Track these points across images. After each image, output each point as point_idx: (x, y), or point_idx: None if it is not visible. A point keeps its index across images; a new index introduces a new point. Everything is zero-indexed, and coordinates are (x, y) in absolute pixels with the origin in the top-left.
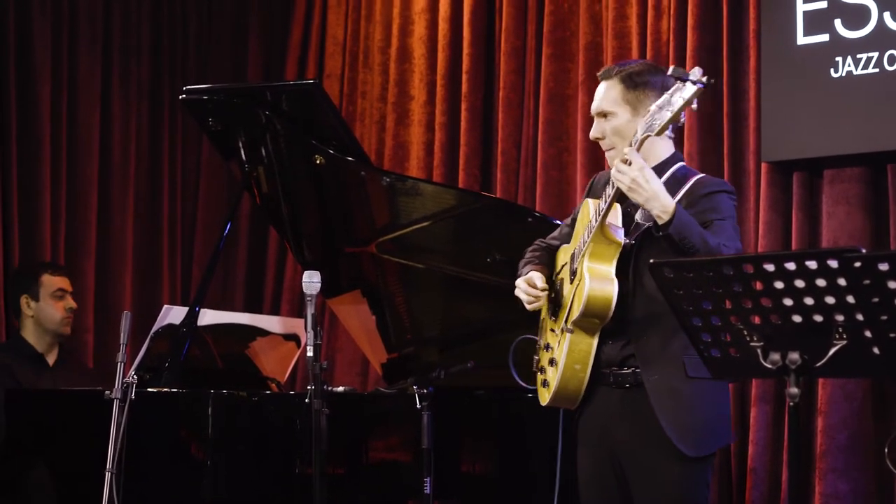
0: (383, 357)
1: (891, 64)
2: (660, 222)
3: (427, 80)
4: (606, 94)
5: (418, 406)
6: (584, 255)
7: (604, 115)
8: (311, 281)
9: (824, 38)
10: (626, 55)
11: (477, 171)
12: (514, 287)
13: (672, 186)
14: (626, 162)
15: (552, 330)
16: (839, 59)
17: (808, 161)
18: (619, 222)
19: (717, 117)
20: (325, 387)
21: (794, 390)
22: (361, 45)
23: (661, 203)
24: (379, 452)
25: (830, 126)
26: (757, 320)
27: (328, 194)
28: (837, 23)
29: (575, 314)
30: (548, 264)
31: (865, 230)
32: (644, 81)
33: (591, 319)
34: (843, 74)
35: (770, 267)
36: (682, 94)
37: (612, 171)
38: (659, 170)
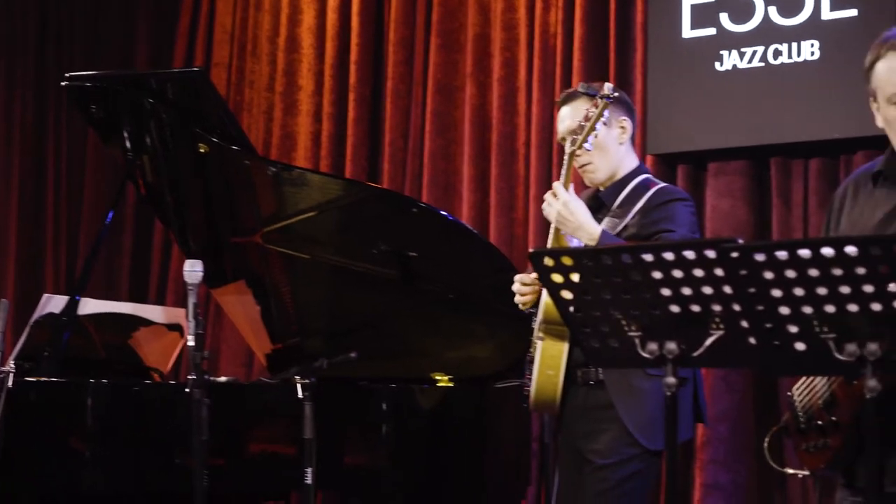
0: (267, 347)
1: (775, 58)
2: None
3: (315, 70)
4: (571, 112)
5: (300, 396)
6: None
7: (571, 131)
8: (193, 270)
9: (710, 31)
10: (514, 47)
11: (364, 161)
12: (399, 277)
13: (633, 198)
14: (555, 195)
15: (531, 338)
16: (724, 52)
17: (693, 154)
18: None
19: None
20: (206, 377)
21: (670, 380)
22: (250, 34)
23: (587, 232)
24: (261, 443)
25: (715, 119)
26: (635, 311)
27: (213, 184)
28: (723, 17)
29: (539, 321)
30: None
31: (748, 223)
32: (576, 97)
33: (554, 326)
34: (729, 68)
35: (648, 257)
36: (594, 109)
37: (544, 203)
38: (623, 182)
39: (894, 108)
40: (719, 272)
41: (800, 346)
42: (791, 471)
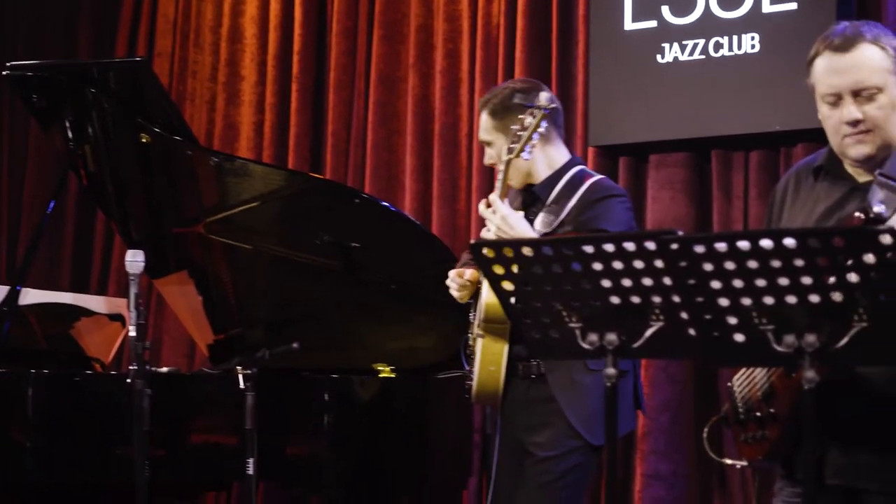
0: (209, 338)
1: (716, 51)
2: None
3: (258, 61)
4: (482, 125)
5: (242, 387)
6: None
7: (487, 143)
8: (135, 260)
9: (652, 24)
10: (457, 38)
11: (307, 152)
12: (341, 268)
13: (568, 191)
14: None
15: (472, 333)
16: (666, 45)
17: (634, 146)
18: None
19: None
20: (148, 367)
21: (610, 371)
22: (193, 24)
23: None
24: (202, 433)
25: (656, 111)
26: (576, 302)
27: (155, 174)
28: (665, 9)
29: (479, 320)
30: None
31: (689, 215)
32: (507, 107)
33: (494, 325)
34: (670, 60)
35: (589, 249)
36: (532, 118)
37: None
38: (557, 175)
39: (827, 106)
40: (659, 264)
41: (739, 337)
42: (730, 462)
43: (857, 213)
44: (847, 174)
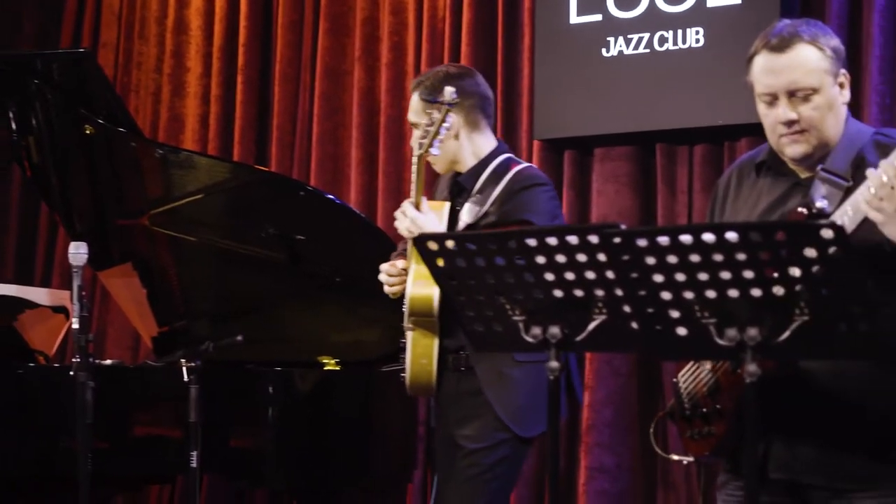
0: (154, 330)
1: (661, 45)
2: None
3: (203, 52)
4: (412, 106)
5: (186, 380)
6: (411, 258)
7: (415, 125)
8: (78, 252)
9: (597, 17)
10: (402, 31)
11: (252, 144)
12: (286, 260)
13: (494, 180)
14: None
15: (404, 325)
16: (611, 39)
17: (579, 139)
18: (444, 222)
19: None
20: (91, 360)
21: (553, 364)
22: (138, 16)
23: None
24: (146, 426)
25: (601, 105)
26: (519, 295)
27: (99, 166)
28: (610, 3)
29: (406, 314)
30: None
31: (634, 208)
32: (440, 91)
33: (422, 318)
34: (615, 54)
35: (532, 242)
36: (437, 114)
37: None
38: (482, 164)
39: (764, 105)
40: (602, 257)
41: (681, 330)
42: (676, 457)
43: (799, 208)
44: (789, 170)
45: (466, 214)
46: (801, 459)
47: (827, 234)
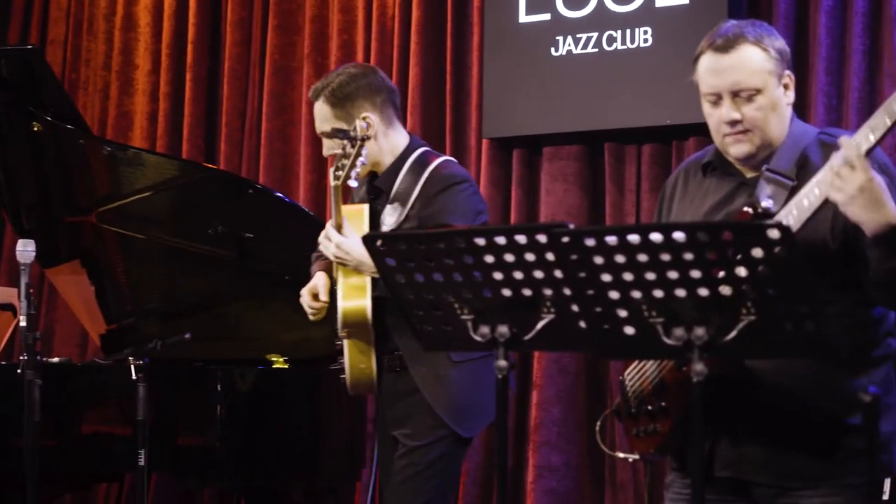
0: (102, 328)
1: (609, 44)
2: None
3: (152, 50)
4: (319, 114)
5: (134, 377)
6: (337, 272)
7: (326, 134)
8: (25, 250)
9: (546, 16)
10: (351, 29)
11: (201, 141)
12: (235, 258)
13: (410, 183)
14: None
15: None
16: (560, 38)
17: (528, 138)
18: (365, 227)
19: (439, 93)
20: (39, 357)
21: (501, 363)
22: (86, 12)
23: (368, 266)
24: (94, 424)
25: (550, 104)
26: (468, 294)
27: (47, 163)
28: (559, 2)
29: (339, 326)
30: None
31: (582, 207)
32: (347, 94)
33: (355, 329)
34: (564, 53)
35: (481, 241)
36: (352, 149)
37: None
38: (398, 164)
39: (708, 105)
40: (550, 257)
41: (629, 330)
42: (622, 455)
43: (745, 208)
44: (735, 170)
45: (388, 217)
46: (747, 458)
47: (773, 234)
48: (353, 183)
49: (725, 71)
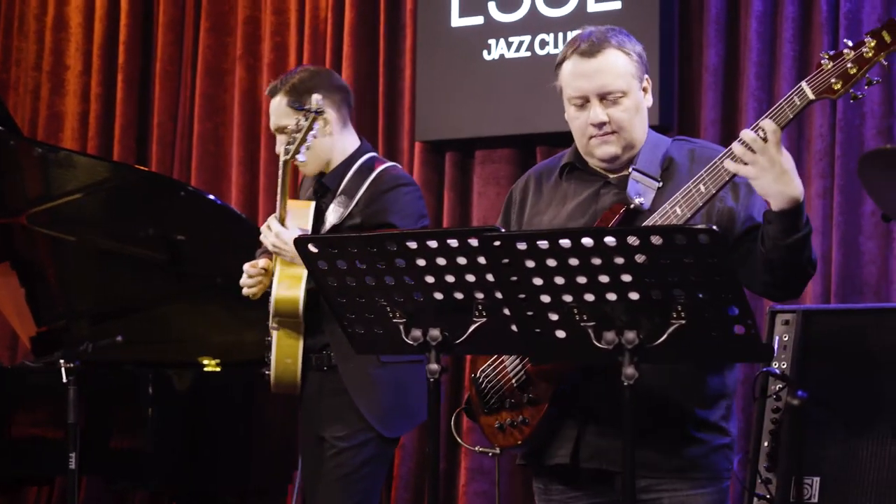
0: (32, 330)
1: (542, 48)
2: None
3: (83, 50)
4: (277, 109)
5: (65, 380)
6: (276, 259)
7: (282, 130)
8: None
9: (478, 20)
10: (284, 31)
11: (132, 143)
12: (167, 261)
13: (356, 183)
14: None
15: (268, 324)
16: (492, 41)
17: (461, 141)
18: (309, 222)
19: (372, 96)
20: None
21: (433, 366)
22: (17, 12)
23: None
24: (24, 427)
25: (483, 108)
26: (400, 297)
27: None
28: (491, 6)
29: (271, 314)
30: None
31: None
32: (308, 88)
33: (286, 319)
34: (496, 57)
35: (413, 244)
36: (304, 122)
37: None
38: (346, 165)
39: (574, 108)
40: (482, 260)
41: (560, 333)
42: (481, 449)
43: (618, 204)
44: (595, 171)
45: (332, 215)
46: (610, 448)
47: (704, 238)
48: (301, 158)
49: (592, 74)
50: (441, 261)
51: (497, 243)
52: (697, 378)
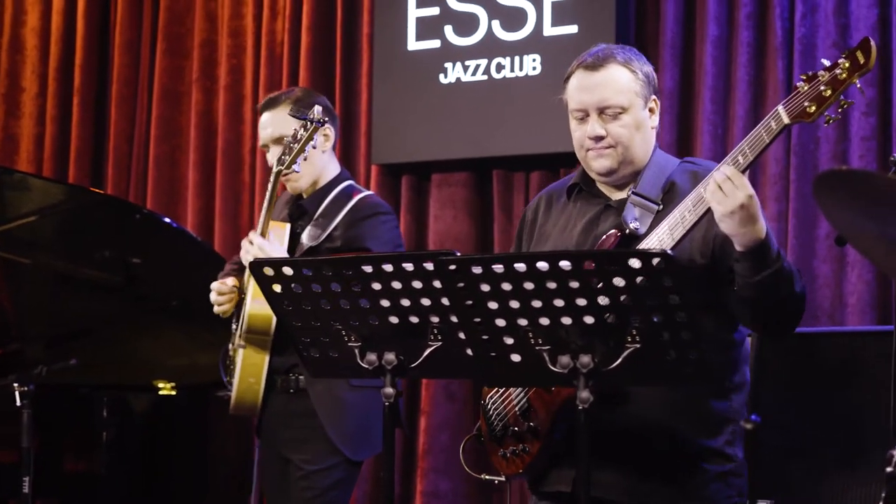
0: None
1: (498, 72)
2: None
3: (39, 72)
4: (275, 120)
5: (18, 404)
6: (249, 276)
7: (279, 140)
8: None
9: (435, 43)
10: (240, 54)
11: (88, 165)
12: (122, 284)
13: (336, 207)
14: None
15: (233, 343)
16: (449, 65)
17: (417, 165)
18: (285, 244)
19: None
20: None
21: (388, 390)
22: None
23: None
24: None
25: (439, 131)
26: (355, 321)
27: None
28: (448, 29)
29: (242, 330)
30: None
31: (471, 234)
32: (310, 104)
33: (256, 336)
34: (453, 81)
35: (368, 268)
36: (305, 131)
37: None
38: (326, 190)
39: (575, 122)
40: (437, 284)
41: (515, 357)
42: (487, 477)
43: (613, 230)
44: (600, 192)
45: (307, 238)
46: (606, 478)
47: (658, 262)
48: (297, 168)
49: (593, 88)
50: (396, 284)
51: (452, 267)
52: (700, 403)
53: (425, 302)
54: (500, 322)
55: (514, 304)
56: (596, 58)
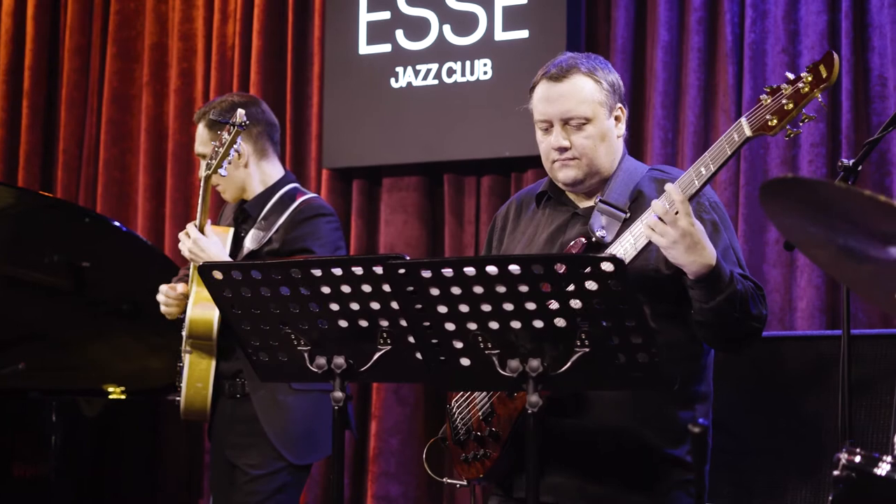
0: None
1: (449, 76)
2: None
3: None
4: (200, 137)
5: None
6: (192, 281)
7: (202, 156)
8: None
9: (386, 48)
10: (191, 57)
11: (37, 169)
12: (71, 287)
13: (278, 209)
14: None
15: (181, 349)
16: (400, 69)
17: (368, 169)
18: (227, 247)
19: (279, 123)
20: None
21: (338, 394)
22: None
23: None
24: None
25: (390, 135)
26: (304, 325)
27: None
28: (399, 34)
29: (185, 336)
30: None
31: (421, 238)
32: (232, 106)
33: (200, 341)
34: (404, 85)
35: (317, 272)
36: (227, 136)
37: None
38: (269, 193)
39: (540, 132)
40: (387, 288)
41: (465, 361)
42: (449, 481)
43: (579, 238)
44: (568, 200)
45: (250, 241)
46: (566, 484)
47: (607, 266)
48: (222, 172)
49: (557, 99)
50: (346, 288)
51: (402, 271)
52: (665, 412)
53: (374, 306)
54: (450, 326)
55: (464, 308)
56: (560, 68)
